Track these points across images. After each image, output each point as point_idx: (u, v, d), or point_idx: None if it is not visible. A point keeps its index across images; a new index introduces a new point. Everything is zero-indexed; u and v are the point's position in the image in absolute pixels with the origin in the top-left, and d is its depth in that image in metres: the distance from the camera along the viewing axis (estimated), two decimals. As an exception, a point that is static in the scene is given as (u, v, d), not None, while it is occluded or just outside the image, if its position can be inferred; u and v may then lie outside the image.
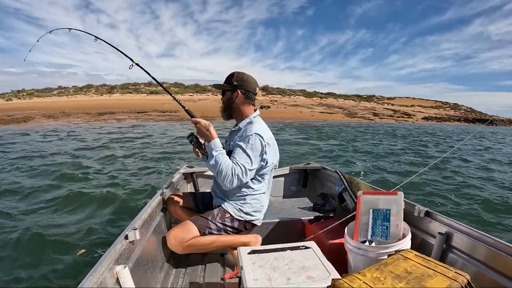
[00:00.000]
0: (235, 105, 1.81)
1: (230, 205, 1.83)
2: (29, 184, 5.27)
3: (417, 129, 20.54)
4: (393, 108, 42.59)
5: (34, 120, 20.77)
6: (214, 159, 1.66)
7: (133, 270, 1.25)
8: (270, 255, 1.31)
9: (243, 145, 1.66)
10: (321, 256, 1.30)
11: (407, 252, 1.17)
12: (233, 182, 1.64)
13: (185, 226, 1.75)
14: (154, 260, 1.63)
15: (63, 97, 45.49)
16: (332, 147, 11.34)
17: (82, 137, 12.30)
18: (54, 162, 7.20)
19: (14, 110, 26.65)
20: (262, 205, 1.89)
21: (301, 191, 3.10)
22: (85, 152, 8.70)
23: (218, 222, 1.79)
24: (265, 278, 1.15)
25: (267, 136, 1.73)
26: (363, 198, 1.68)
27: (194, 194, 2.13)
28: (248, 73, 1.83)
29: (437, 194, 5.36)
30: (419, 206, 1.67)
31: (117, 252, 1.19)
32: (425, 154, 10.47)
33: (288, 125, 20.01)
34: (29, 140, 11.28)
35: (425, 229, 1.65)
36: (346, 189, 2.10)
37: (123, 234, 1.30)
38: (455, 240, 1.47)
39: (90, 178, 5.75)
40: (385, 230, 1.58)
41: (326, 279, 1.13)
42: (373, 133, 17.48)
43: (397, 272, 1.02)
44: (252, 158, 1.66)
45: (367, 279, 0.99)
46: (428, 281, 0.97)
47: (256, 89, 1.82)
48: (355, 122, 24.70)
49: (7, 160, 7.45)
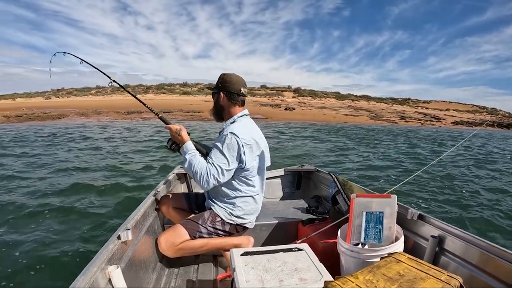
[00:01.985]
0: (221, 107, 1.83)
1: (221, 208, 1.82)
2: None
3: (434, 133, 20.01)
4: (426, 111, 41.42)
5: (68, 117, 22.24)
6: (188, 162, 1.67)
7: (126, 271, 1.24)
8: (262, 256, 1.30)
9: (219, 145, 1.66)
10: (314, 258, 1.29)
11: (400, 255, 1.17)
12: (209, 182, 1.63)
13: (175, 230, 1.75)
14: (147, 261, 1.61)
15: (99, 96, 46.27)
16: (325, 145, 11.50)
17: (94, 134, 13.02)
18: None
19: (50, 108, 28.66)
20: (253, 207, 1.87)
21: (294, 193, 3.10)
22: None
23: (208, 226, 1.79)
24: (257, 279, 1.14)
25: (246, 136, 1.69)
26: (356, 201, 1.68)
27: (187, 195, 2.11)
28: (235, 74, 1.83)
29: (428, 198, 5.40)
30: (412, 209, 1.68)
31: (109, 252, 1.18)
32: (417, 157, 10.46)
33: (299, 126, 20.07)
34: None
35: (418, 232, 1.65)
36: (339, 192, 2.10)
37: (116, 234, 1.29)
38: (447, 243, 1.47)
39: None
40: (378, 232, 1.58)
41: (318, 281, 1.13)
42: (385, 135, 17.25)
43: (389, 275, 1.02)
44: (229, 158, 1.65)
45: (359, 281, 0.99)
46: (421, 284, 0.97)
47: (241, 89, 1.80)
48: (376, 124, 24.33)
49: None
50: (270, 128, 17.76)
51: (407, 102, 55.65)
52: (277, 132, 16.04)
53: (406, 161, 9.42)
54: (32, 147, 9.42)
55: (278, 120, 23.85)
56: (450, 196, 5.63)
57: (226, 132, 1.67)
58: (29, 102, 40.57)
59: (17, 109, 28.18)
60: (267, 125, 19.43)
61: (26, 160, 7.49)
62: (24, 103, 38.69)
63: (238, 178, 1.77)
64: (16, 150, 8.84)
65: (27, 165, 6.85)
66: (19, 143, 10.23)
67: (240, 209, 1.82)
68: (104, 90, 52.20)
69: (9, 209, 4.09)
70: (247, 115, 1.87)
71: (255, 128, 1.87)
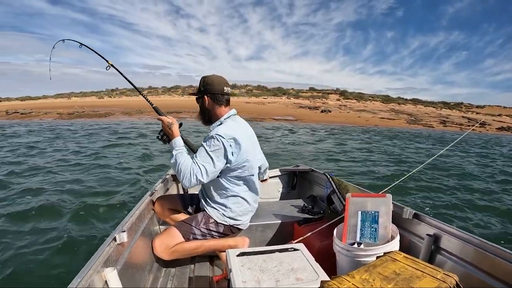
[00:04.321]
0: (207, 110, 1.81)
1: (213, 209, 1.82)
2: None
3: (452, 137, 18.77)
4: (477, 117, 39.18)
5: (113, 116, 23.88)
6: (174, 157, 1.67)
7: (122, 273, 1.23)
8: (258, 257, 1.30)
9: (205, 146, 1.65)
10: (310, 258, 1.29)
11: (396, 254, 1.17)
12: (191, 181, 1.63)
13: (169, 233, 1.76)
14: (143, 262, 1.60)
15: (151, 97, 46.84)
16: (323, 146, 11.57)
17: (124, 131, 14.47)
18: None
19: (100, 107, 30.53)
20: (246, 208, 1.87)
21: (290, 193, 3.10)
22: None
23: (202, 227, 1.79)
24: (254, 280, 1.14)
25: (232, 136, 1.67)
26: (352, 200, 1.69)
27: (182, 196, 2.10)
28: (216, 74, 1.82)
29: (425, 197, 5.44)
30: (407, 208, 1.68)
31: (105, 254, 1.17)
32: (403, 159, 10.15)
33: (320, 128, 20.10)
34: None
35: (414, 231, 1.66)
36: (334, 191, 2.11)
37: (112, 236, 1.28)
38: (443, 242, 1.48)
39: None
40: (373, 232, 1.58)
41: (315, 280, 1.13)
42: (392, 138, 16.78)
43: (385, 274, 1.02)
44: (214, 159, 1.64)
45: (356, 280, 0.99)
46: (417, 282, 0.97)
47: (224, 88, 1.78)
48: (410, 128, 23.78)
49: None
50: (281, 128, 17.91)
51: (459, 106, 52.90)
52: (290, 131, 16.44)
53: (384, 163, 9.10)
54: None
55: (307, 122, 23.70)
56: (447, 196, 5.68)
57: (212, 133, 1.66)
58: (83, 101, 43.76)
59: (70, 107, 30.86)
60: (294, 126, 19.71)
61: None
62: (78, 102, 42.02)
63: (227, 178, 1.77)
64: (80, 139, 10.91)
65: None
66: (71, 136, 12.27)
67: (232, 210, 1.81)
68: (156, 91, 53.93)
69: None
70: (234, 115, 1.85)
71: (244, 127, 1.85)
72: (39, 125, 17.68)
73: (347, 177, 6.49)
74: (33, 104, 39.97)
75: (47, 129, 15.37)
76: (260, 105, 34.53)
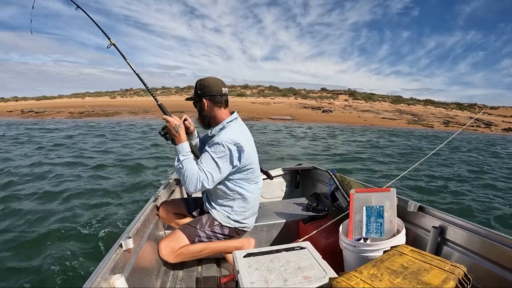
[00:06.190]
0: (206, 113, 1.79)
1: (218, 212, 1.82)
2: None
3: (465, 139, 18.14)
4: (488, 118, 37.10)
5: (120, 115, 24.96)
6: (181, 163, 1.64)
7: (129, 279, 1.23)
8: (265, 257, 1.30)
9: (211, 153, 1.63)
10: (316, 256, 1.29)
11: (403, 247, 1.17)
12: (197, 188, 1.62)
13: (174, 236, 1.76)
14: (150, 267, 1.60)
15: (163, 97, 46.59)
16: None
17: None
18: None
19: (111, 107, 31.74)
20: (250, 211, 1.87)
21: (293, 192, 3.09)
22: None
23: (207, 230, 1.79)
24: (262, 280, 1.14)
25: (237, 141, 1.66)
26: (356, 196, 1.68)
27: (186, 200, 2.10)
28: (211, 76, 1.79)
29: (428, 191, 5.43)
30: (412, 201, 1.68)
31: (112, 261, 1.17)
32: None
33: (312, 126, 20.32)
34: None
35: (419, 224, 1.66)
36: (338, 188, 2.10)
37: (118, 243, 1.28)
38: (449, 233, 1.48)
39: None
40: (379, 226, 1.58)
41: (323, 278, 1.12)
42: (378, 137, 16.99)
43: (393, 268, 1.02)
44: (220, 165, 1.63)
45: (364, 276, 0.98)
46: (425, 275, 0.97)
47: (222, 89, 1.76)
48: (406, 128, 23.67)
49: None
50: (268, 127, 17.94)
51: (472, 107, 50.76)
52: (277, 131, 16.44)
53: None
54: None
55: (305, 121, 23.76)
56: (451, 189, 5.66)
57: (217, 140, 1.64)
58: (96, 100, 44.70)
59: (82, 106, 32.31)
60: (287, 125, 19.90)
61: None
62: (91, 101, 43.05)
63: (232, 181, 1.76)
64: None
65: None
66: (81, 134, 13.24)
67: (237, 213, 1.81)
68: (169, 91, 53.69)
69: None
70: (236, 118, 1.83)
71: (245, 131, 1.84)
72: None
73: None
74: (47, 103, 41.92)
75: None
76: (265, 105, 34.57)
